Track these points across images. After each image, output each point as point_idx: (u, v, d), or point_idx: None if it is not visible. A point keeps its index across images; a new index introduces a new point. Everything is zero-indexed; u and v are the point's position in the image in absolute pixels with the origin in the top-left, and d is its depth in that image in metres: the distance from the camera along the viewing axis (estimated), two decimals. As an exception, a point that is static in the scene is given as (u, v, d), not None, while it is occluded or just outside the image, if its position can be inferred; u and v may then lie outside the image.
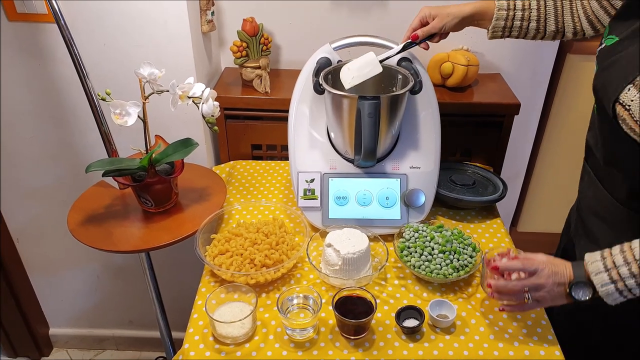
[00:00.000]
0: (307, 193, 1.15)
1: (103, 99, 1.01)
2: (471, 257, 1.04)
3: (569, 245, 1.10)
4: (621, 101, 0.79)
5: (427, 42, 1.09)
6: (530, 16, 1.03)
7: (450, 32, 1.08)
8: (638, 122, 0.79)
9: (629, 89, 0.77)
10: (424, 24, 1.07)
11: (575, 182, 1.09)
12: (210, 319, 0.92)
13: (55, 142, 1.45)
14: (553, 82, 1.81)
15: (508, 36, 1.07)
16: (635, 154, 0.82)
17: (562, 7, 1.03)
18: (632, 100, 0.77)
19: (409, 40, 1.08)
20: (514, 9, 1.03)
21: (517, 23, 1.04)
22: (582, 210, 1.05)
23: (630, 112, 0.78)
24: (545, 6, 1.03)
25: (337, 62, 1.17)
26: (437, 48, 1.38)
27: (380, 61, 1.08)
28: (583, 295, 0.83)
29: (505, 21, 1.04)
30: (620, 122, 0.82)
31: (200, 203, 1.18)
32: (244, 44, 1.41)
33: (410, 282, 1.05)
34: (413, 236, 1.08)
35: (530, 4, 1.03)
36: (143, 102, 1.03)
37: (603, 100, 0.84)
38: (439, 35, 1.08)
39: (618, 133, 0.83)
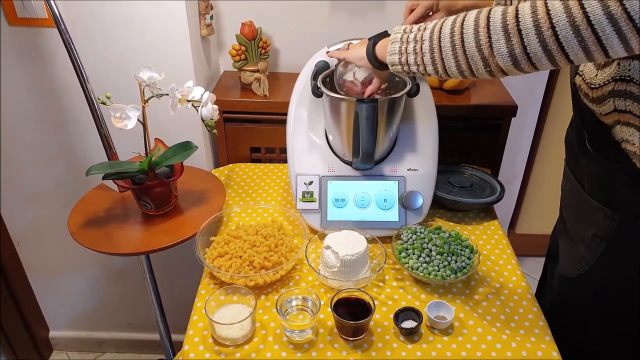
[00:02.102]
0: (306, 195, 1.16)
1: (103, 103, 1.02)
2: (469, 258, 1.05)
3: (554, 246, 1.12)
4: (579, 72, 0.86)
5: None
6: None
7: None
8: (587, 84, 0.83)
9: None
10: (427, 9, 1.08)
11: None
12: (209, 320, 0.93)
13: (56, 146, 1.45)
14: (550, 85, 1.82)
15: None
16: (594, 132, 0.86)
17: None
18: (584, 66, 0.85)
19: None
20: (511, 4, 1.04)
21: None
22: (562, 209, 1.07)
23: (583, 76, 0.85)
24: None
25: (335, 66, 1.18)
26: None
27: None
28: (375, 40, 0.93)
29: None
30: (580, 95, 0.87)
31: (200, 206, 1.19)
32: (243, 48, 1.42)
33: (409, 283, 1.06)
34: (411, 238, 1.08)
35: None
36: (143, 106, 1.04)
37: (571, 83, 0.91)
38: None
39: (582, 113, 0.87)
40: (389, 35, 0.89)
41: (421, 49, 0.80)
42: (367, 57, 0.93)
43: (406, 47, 0.83)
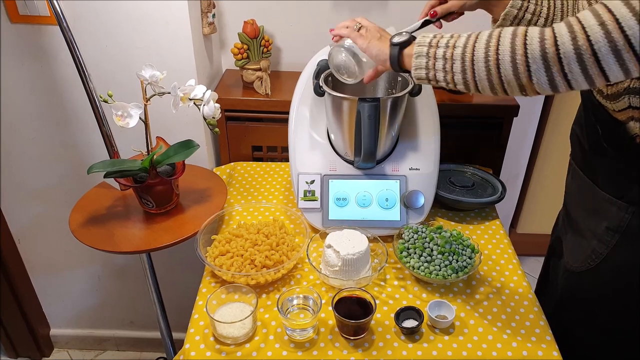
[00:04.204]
0: (307, 194, 1.16)
1: (105, 101, 1.02)
2: (470, 258, 1.04)
3: (557, 242, 1.12)
4: None
5: (441, 21, 1.07)
6: (540, 12, 1.04)
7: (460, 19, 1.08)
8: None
9: None
10: (442, 1, 1.06)
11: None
12: (211, 319, 0.93)
13: (57, 144, 1.46)
14: (552, 84, 1.82)
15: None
16: (608, 128, 0.86)
17: (567, 11, 1.05)
18: None
19: (427, 18, 1.06)
20: (528, 1, 1.04)
21: (528, 16, 1.04)
22: (568, 205, 1.07)
23: None
24: (554, 7, 1.05)
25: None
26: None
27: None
28: (398, 38, 0.87)
29: (518, 10, 1.04)
30: (593, 92, 0.87)
31: (201, 204, 1.19)
32: (245, 46, 1.42)
33: (410, 282, 1.06)
34: (412, 237, 1.08)
35: (542, 1, 1.04)
36: (144, 104, 1.04)
37: None
38: (456, 14, 1.07)
39: (595, 109, 0.87)
40: (414, 38, 0.85)
41: (452, 69, 0.78)
42: (392, 65, 0.89)
43: (434, 64, 0.80)
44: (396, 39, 0.87)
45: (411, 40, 0.86)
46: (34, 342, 1.86)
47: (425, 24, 1.06)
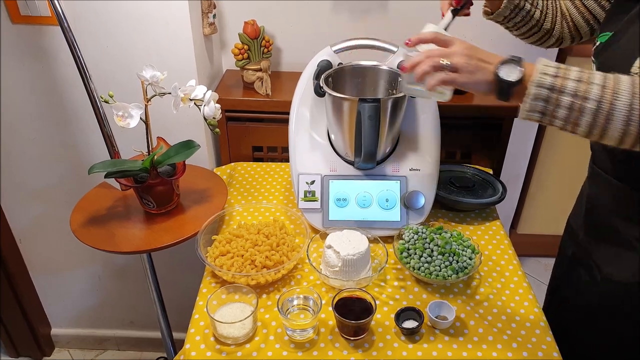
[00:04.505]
0: (308, 195, 1.16)
1: (106, 101, 1.02)
2: (470, 258, 1.05)
3: (579, 251, 1.05)
4: (631, 74, 0.77)
5: (465, 9, 1.05)
6: (537, 4, 1.04)
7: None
8: None
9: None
10: None
11: (576, 183, 1.08)
12: (211, 319, 0.93)
13: (58, 144, 1.46)
14: (553, 85, 1.82)
15: (512, 19, 1.06)
16: None
17: (559, 8, 1.06)
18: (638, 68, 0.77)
19: (454, 7, 1.03)
20: None
21: (528, 6, 1.04)
22: (596, 214, 1.01)
23: None
24: (547, 2, 1.05)
25: (338, 65, 1.18)
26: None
27: (445, 29, 1.01)
28: (508, 73, 0.75)
29: (519, 0, 1.04)
30: None
31: (202, 204, 1.19)
32: (245, 47, 1.42)
33: (410, 283, 1.06)
34: (412, 238, 1.09)
35: None
36: (145, 104, 1.04)
37: None
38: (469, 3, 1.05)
39: None
40: (518, 62, 0.75)
41: (577, 120, 0.72)
42: (499, 98, 0.78)
43: (554, 110, 0.73)
44: (505, 74, 0.76)
45: (522, 71, 0.75)
46: (35, 341, 1.86)
47: (454, 12, 1.04)
